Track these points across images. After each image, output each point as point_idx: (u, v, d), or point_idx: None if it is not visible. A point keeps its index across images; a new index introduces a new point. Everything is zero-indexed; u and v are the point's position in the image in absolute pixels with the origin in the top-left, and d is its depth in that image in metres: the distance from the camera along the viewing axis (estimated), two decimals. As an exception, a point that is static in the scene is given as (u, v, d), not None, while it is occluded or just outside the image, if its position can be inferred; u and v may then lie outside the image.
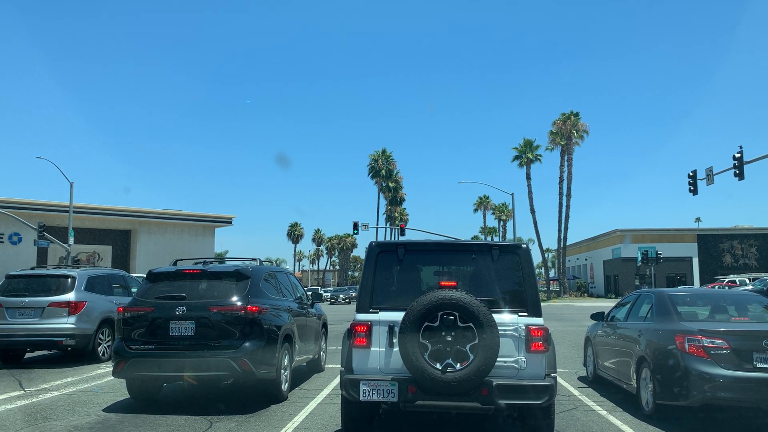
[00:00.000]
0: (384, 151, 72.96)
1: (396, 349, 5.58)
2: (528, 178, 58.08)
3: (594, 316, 10.10)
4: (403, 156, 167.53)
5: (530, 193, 57.91)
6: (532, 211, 58.16)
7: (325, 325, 11.55)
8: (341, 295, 57.50)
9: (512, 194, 48.86)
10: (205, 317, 7.62)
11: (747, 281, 36.96)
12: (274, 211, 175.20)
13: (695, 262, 60.11)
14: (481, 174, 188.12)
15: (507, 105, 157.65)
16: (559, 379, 9.02)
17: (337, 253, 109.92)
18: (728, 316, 7.91)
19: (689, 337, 6.85)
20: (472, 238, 63.77)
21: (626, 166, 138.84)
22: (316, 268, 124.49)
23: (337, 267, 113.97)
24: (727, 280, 39.89)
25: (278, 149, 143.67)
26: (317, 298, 11.29)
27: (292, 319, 8.91)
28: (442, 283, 5.61)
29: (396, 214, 73.23)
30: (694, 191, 30.07)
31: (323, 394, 8.73)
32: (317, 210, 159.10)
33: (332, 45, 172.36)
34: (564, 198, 56.77)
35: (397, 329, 5.54)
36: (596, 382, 9.79)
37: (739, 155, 26.31)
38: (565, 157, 56.64)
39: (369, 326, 5.76)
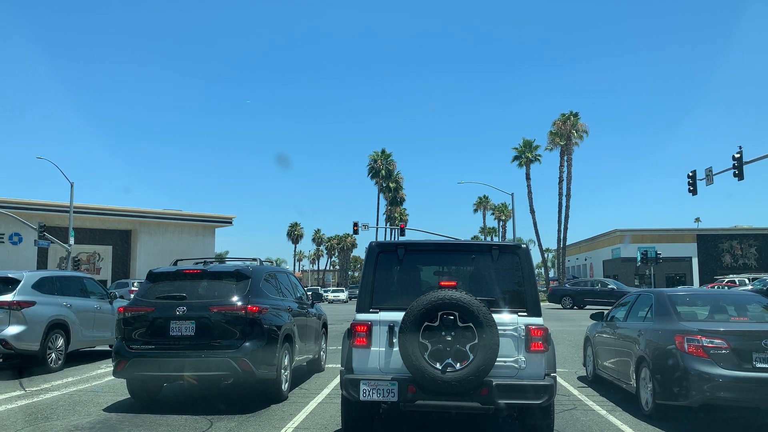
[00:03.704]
0: (384, 152, 72.95)
1: (396, 348, 5.59)
2: (527, 178, 58.09)
3: (594, 316, 10.11)
4: (403, 156, 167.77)
5: (530, 193, 57.93)
6: (532, 212, 58.17)
7: (325, 325, 11.56)
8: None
9: (512, 194, 48.84)
10: (206, 317, 7.63)
11: (747, 281, 36.94)
12: (274, 211, 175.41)
13: (695, 262, 60.11)
14: (481, 174, 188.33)
15: (507, 105, 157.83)
16: (559, 379, 9.04)
17: (337, 253, 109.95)
18: (728, 316, 7.93)
19: (689, 337, 6.86)
20: (471, 238, 63.78)
21: (626, 166, 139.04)
22: (316, 268, 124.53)
23: (337, 267, 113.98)
24: (726, 280, 39.88)
25: (278, 149, 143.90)
26: (317, 298, 11.31)
27: (292, 319, 8.92)
28: (442, 283, 5.61)
29: (396, 214, 73.21)
30: (694, 191, 30.08)
31: (323, 394, 8.74)
32: (317, 210, 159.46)
33: (332, 45, 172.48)
34: (564, 198, 56.75)
35: (397, 329, 5.55)
36: (596, 381, 9.80)
37: (738, 155, 26.32)
38: (565, 158, 56.62)
39: (369, 326, 5.77)
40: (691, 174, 30.00)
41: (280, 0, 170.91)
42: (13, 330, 10.38)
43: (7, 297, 10.57)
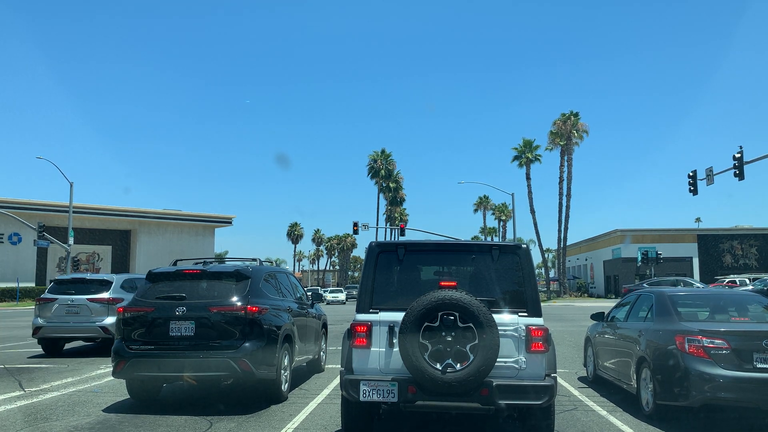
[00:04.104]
0: (383, 152, 72.96)
1: (396, 349, 5.58)
2: (528, 178, 58.11)
3: (594, 317, 10.09)
4: (403, 156, 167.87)
5: (530, 193, 57.95)
6: (532, 212, 58.20)
7: (325, 325, 11.55)
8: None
9: (512, 194, 48.87)
10: (205, 317, 7.62)
11: (747, 281, 36.92)
12: (274, 211, 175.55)
13: (695, 262, 60.07)
14: (481, 174, 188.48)
15: (507, 105, 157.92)
16: (559, 379, 9.02)
17: (337, 253, 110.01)
18: (728, 316, 7.91)
19: (689, 338, 6.84)
20: (472, 238, 63.77)
21: (626, 166, 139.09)
22: (316, 268, 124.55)
23: (337, 267, 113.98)
24: (727, 280, 39.85)
25: (278, 149, 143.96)
26: (317, 298, 11.29)
27: (292, 320, 8.90)
28: (442, 284, 5.60)
29: (396, 214, 73.22)
30: (694, 191, 30.08)
31: (323, 395, 8.73)
32: (317, 210, 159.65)
33: (332, 45, 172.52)
34: (564, 198, 56.77)
35: (397, 329, 5.54)
36: (596, 382, 9.79)
37: (739, 155, 26.32)
38: (565, 158, 56.64)
39: (369, 326, 5.75)
40: (691, 174, 30.00)
41: (280, 1, 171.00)
42: (110, 320, 12.99)
43: (105, 294, 13.65)
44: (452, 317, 5.37)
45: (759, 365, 6.51)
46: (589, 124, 73.35)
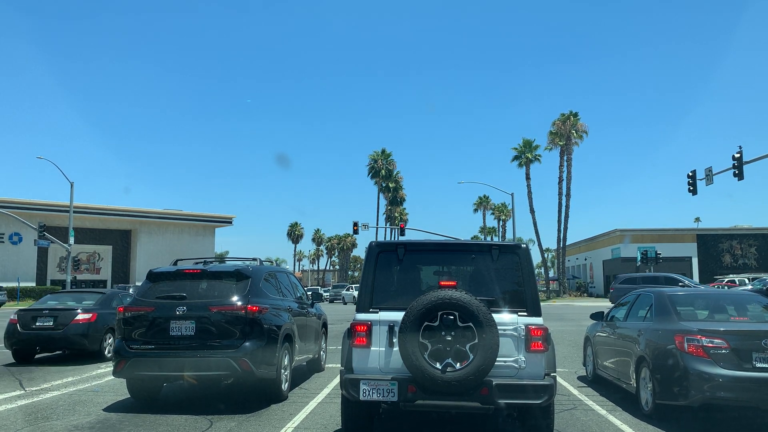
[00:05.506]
0: (384, 151, 72.95)
1: (396, 348, 5.59)
2: (527, 178, 58.12)
3: (593, 316, 10.09)
4: (403, 156, 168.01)
5: (530, 193, 57.96)
6: (532, 211, 58.21)
7: (325, 325, 11.56)
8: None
9: (512, 194, 48.84)
10: (206, 317, 7.63)
11: (746, 281, 36.93)
12: (274, 211, 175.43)
13: (695, 262, 60.06)
14: (481, 174, 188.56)
15: (506, 105, 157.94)
16: (559, 379, 9.04)
17: (337, 253, 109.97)
18: (727, 316, 7.92)
19: (689, 337, 6.85)
20: (472, 238, 63.72)
21: (626, 166, 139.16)
22: (316, 268, 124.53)
23: (337, 267, 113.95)
24: (726, 280, 39.87)
25: (278, 149, 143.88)
26: (317, 298, 11.30)
27: (292, 319, 8.91)
28: (442, 283, 5.61)
29: (396, 214, 73.22)
30: (694, 191, 30.09)
31: (323, 394, 8.74)
32: (317, 210, 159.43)
33: (332, 45, 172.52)
34: (563, 198, 56.77)
35: (397, 329, 5.55)
36: (596, 381, 9.80)
37: (738, 155, 26.33)
38: (565, 158, 56.63)
39: (369, 326, 5.77)
40: (691, 174, 30.01)
41: (281, 0, 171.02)
42: None
43: None
44: (452, 317, 5.38)
45: (758, 365, 6.52)
46: (589, 124, 73.47)
